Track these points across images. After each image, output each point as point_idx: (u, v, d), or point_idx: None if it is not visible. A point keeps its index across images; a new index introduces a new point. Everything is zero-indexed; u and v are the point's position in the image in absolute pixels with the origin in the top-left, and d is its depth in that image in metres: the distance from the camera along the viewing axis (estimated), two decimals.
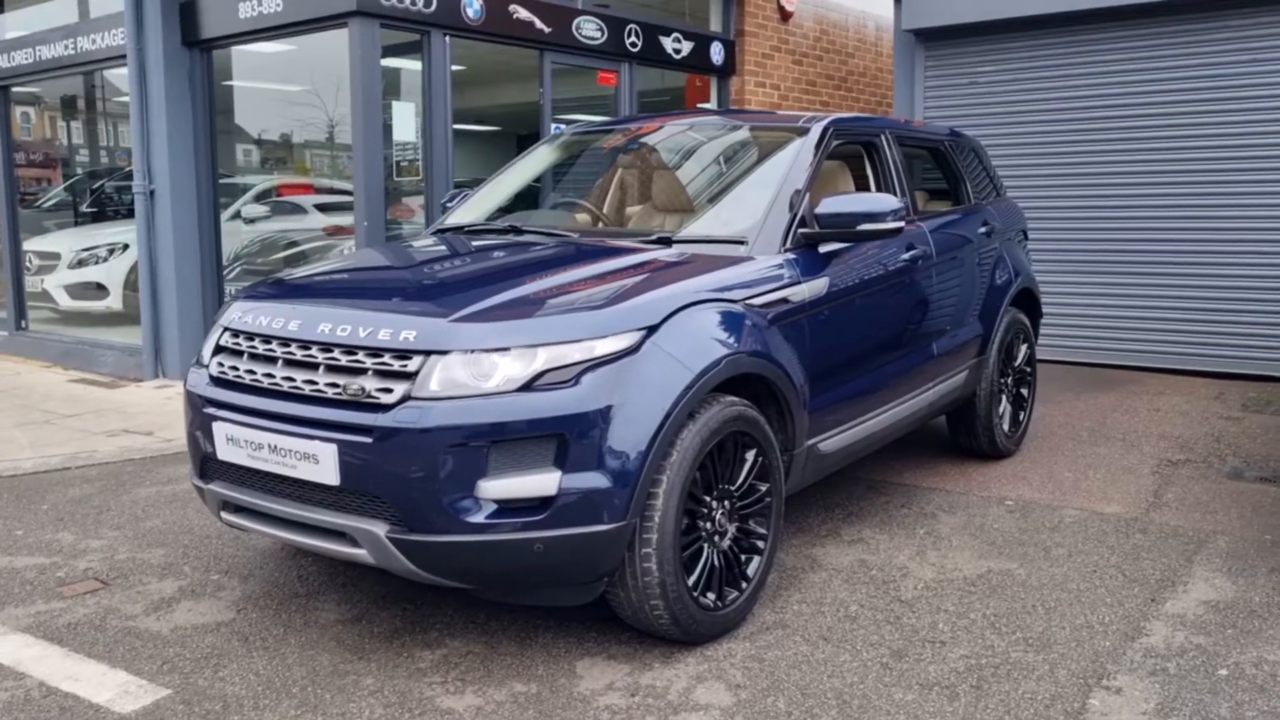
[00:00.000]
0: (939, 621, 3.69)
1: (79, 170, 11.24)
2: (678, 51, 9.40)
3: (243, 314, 3.60)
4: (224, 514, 3.57)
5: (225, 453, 3.45)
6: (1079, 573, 4.14)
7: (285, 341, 3.39)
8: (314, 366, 3.30)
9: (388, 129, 7.30)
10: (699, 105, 10.06)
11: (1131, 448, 6.07)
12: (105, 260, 10.07)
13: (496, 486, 3.09)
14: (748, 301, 3.68)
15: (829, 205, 4.05)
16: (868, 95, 11.74)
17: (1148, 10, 8.14)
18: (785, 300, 3.84)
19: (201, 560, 4.36)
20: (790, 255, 3.98)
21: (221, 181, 8.49)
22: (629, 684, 3.26)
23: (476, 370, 3.13)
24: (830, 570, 4.18)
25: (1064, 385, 7.86)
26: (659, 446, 3.21)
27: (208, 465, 3.59)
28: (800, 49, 10.66)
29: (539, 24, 8.05)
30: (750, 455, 3.63)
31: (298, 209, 9.16)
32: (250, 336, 3.51)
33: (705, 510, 3.47)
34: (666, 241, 3.99)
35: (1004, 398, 5.77)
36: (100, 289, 9.99)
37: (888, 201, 4.11)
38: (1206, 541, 4.50)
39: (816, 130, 4.46)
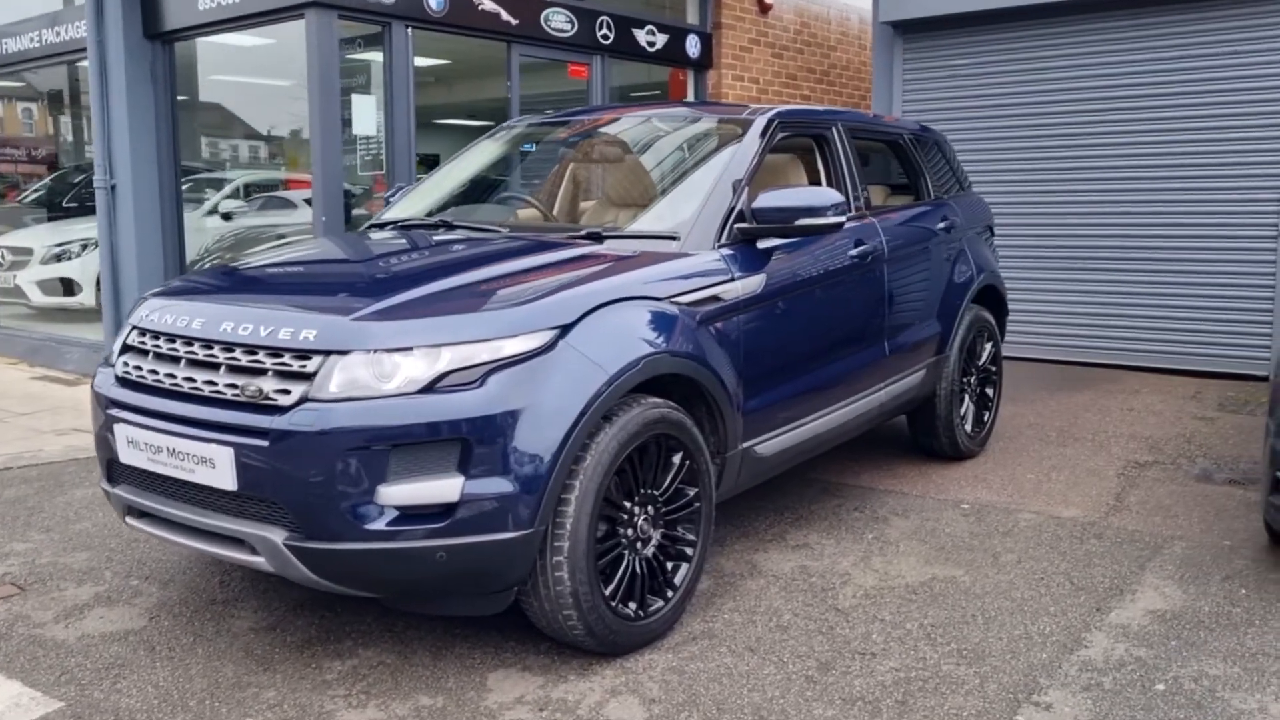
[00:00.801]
0: (873, 632, 3.56)
1: (65, 165, 11.13)
2: (651, 44, 9.25)
3: (150, 312, 3.48)
4: (129, 519, 3.45)
5: (127, 455, 3.33)
6: (1025, 580, 4.00)
7: (189, 340, 3.27)
8: (215, 366, 3.17)
9: (348, 123, 7.17)
10: (683, 99, 9.93)
11: (1100, 449, 5.93)
12: (78, 256, 9.96)
13: (397, 492, 2.96)
14: (674, 299, 3.55)
15: (766, 200, 3.92)
16: (850, 89, 11.59)
17: (1123, 1, 7.98)
18: (716, 298, 3.70)
19: (124, 565, 4.23)
20: (726, 251, 3.84)
21: (201, 176, 8.37)
22: (539, 698, 3.13)
23: (378, 371, 3.00)
24: (769, 577, 4.05)
25: (1038, 384, 7.72)
26: (569, 451, 3.08)
27: (113, 468, 3.47)
28: (780, 42, 10.51)
29: (505, 15, 7.90)
30: (676, 459, 3.50)
31: (286, 204, 9.05)
32: (156, 335, 3.39)
33: (625, 516, 3.34)
34: (597, 237, 3.86)
35: (966, 398, 5.63)
36: (73, 285, 9.88)
37: (828, 196, 3.97)
38: (1163, 547, 4.36)
39: (760, 123, 4.32)
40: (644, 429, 3.32)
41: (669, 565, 3.55)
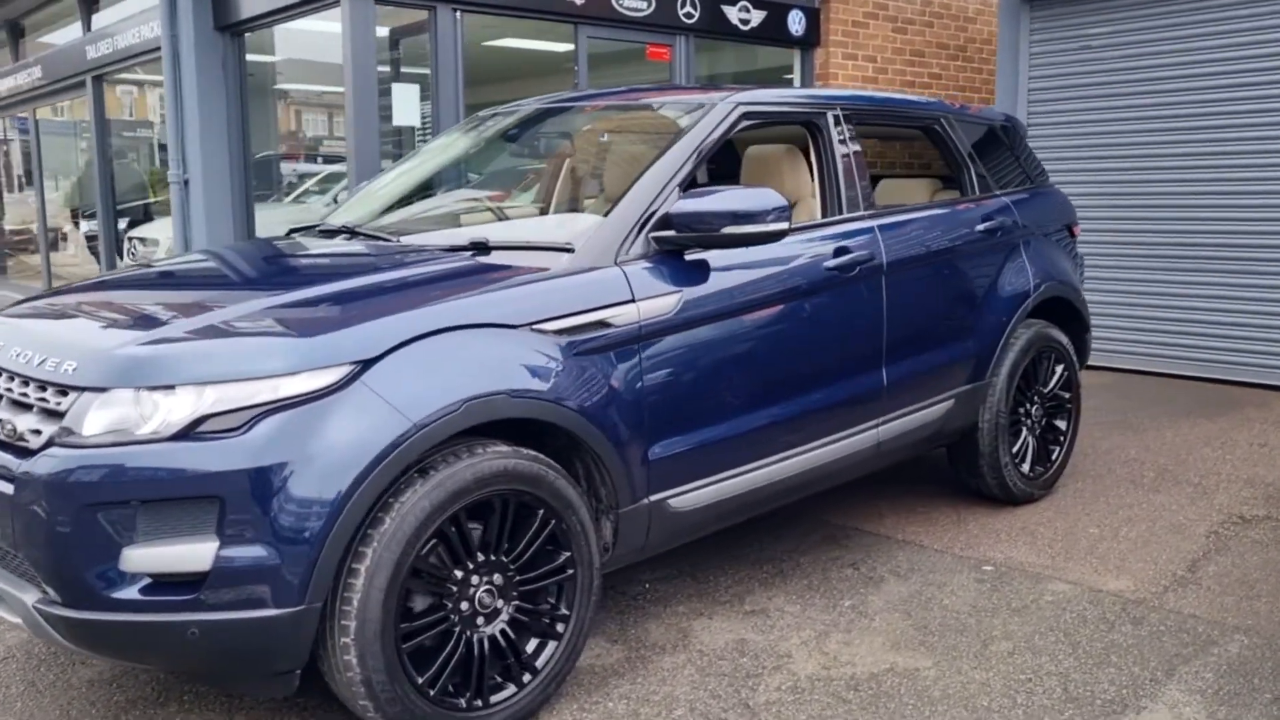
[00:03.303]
0: None
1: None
2: (745, 22, 8.51)
3: None
4: None
5: None
6: (1005, 682, 3.18)
7: None
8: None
9: (390, 114, 6.84)
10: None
11: (1201, 496, 4.88)
12: None
13: (144, 557, 2.52)
14: (536, 326, 2.95)
15: (685, 204, 3.25)
16: (992, 65, 10.42)
17: None
18: (603, 324, 3.07)
19: None
20: (634, 266, 3.20)
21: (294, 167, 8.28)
22: None
23: (137, 412, 2.56)
24: (695, 652, 3.39)
25: (1165, 407, 6.58)
26: (351, 513, 2.55)
27: None
28: (904, 14, 9.52)
29: None
30: (538, 517, 2.91)
31: None
32: None
33: (453, 589, 2.79)
34: (483, 247, 3.29)
35: (1024, 431, 4.73)
36: None
37: (765, 198, 3.27)
38: (1215, 643, 3.42)
39: (715, 113, 3.63)
40: (477, 484, 2.75)
41: (533, 644, 2.98)
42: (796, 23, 8.82)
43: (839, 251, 3.76)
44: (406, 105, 6.85)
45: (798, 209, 4.19)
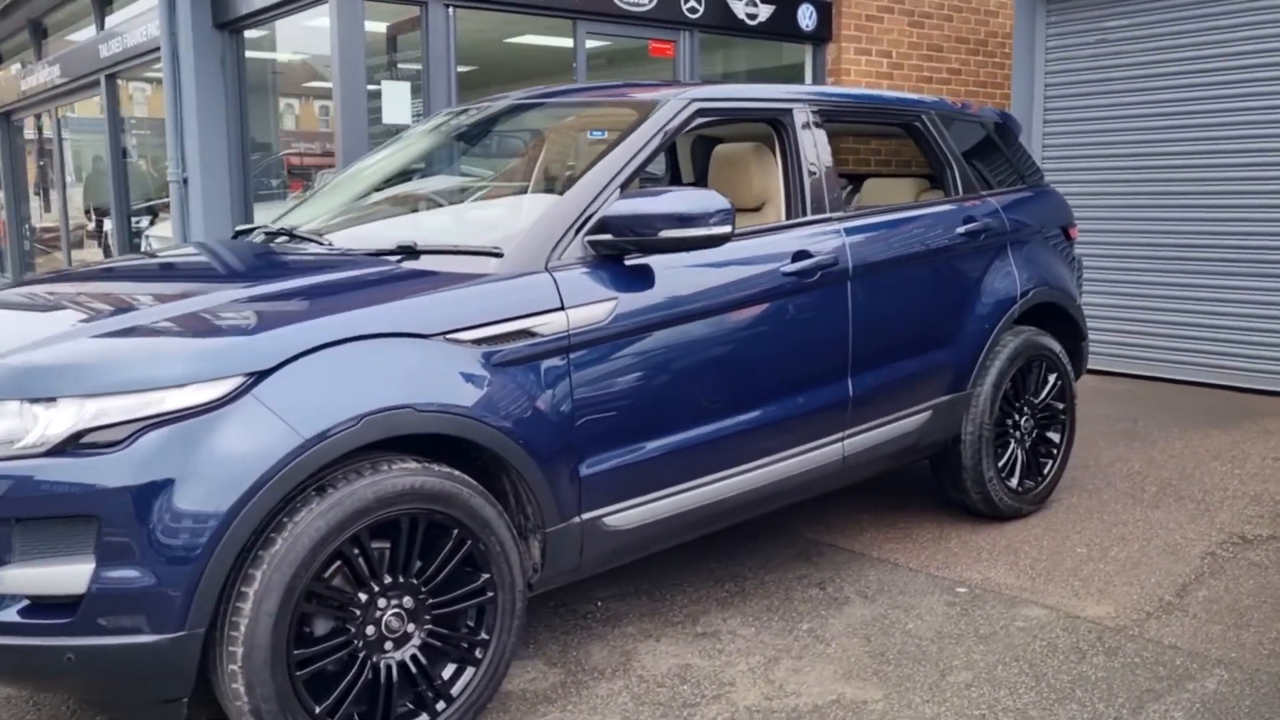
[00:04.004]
0: None
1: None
2: (753, 16, 8.31)
3: None
4: None
5: None
6: (957, 717, 2.98)
7: None
8: None
9: (378, 112, 6.73)
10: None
11: (1201, 514, 4.63)
12: None
13: (20, 577, 2.41)
14: (452, 335, 2.79)
15: (621, 206, 3.09)
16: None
17: None
18: (528, 333, 2.91)
19: None
20: (568, 272, 3.04)
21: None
22: None
23: (20, 424, 2.44)
24: (635, 678, 3.22)
25: (1177, 416, 6.30)
26: (237, 534, 2.42)
27: None
28: (921, 8, 9.25)
29: None
30: (453, 537, 2.76)
31: None
32: None
33: (357, 613, 2.64)
34: (411, 251, 3.14)
35: (1012, 444, 4.50)
36: None
37: (706, 200, 3.09)
38: (1193, 677, 3.19)
39: (665, 110, 3.45)
40: (379, 503, 2.60)
41: (449, 670, 2.83)
42: (807, 17, 8.60)
43: (798, 255, 3.57)
44: (397, 103, 6.73)
45: (765, 210, 4.01)
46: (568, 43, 8.21)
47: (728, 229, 3.10)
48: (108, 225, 11.97)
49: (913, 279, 3.99)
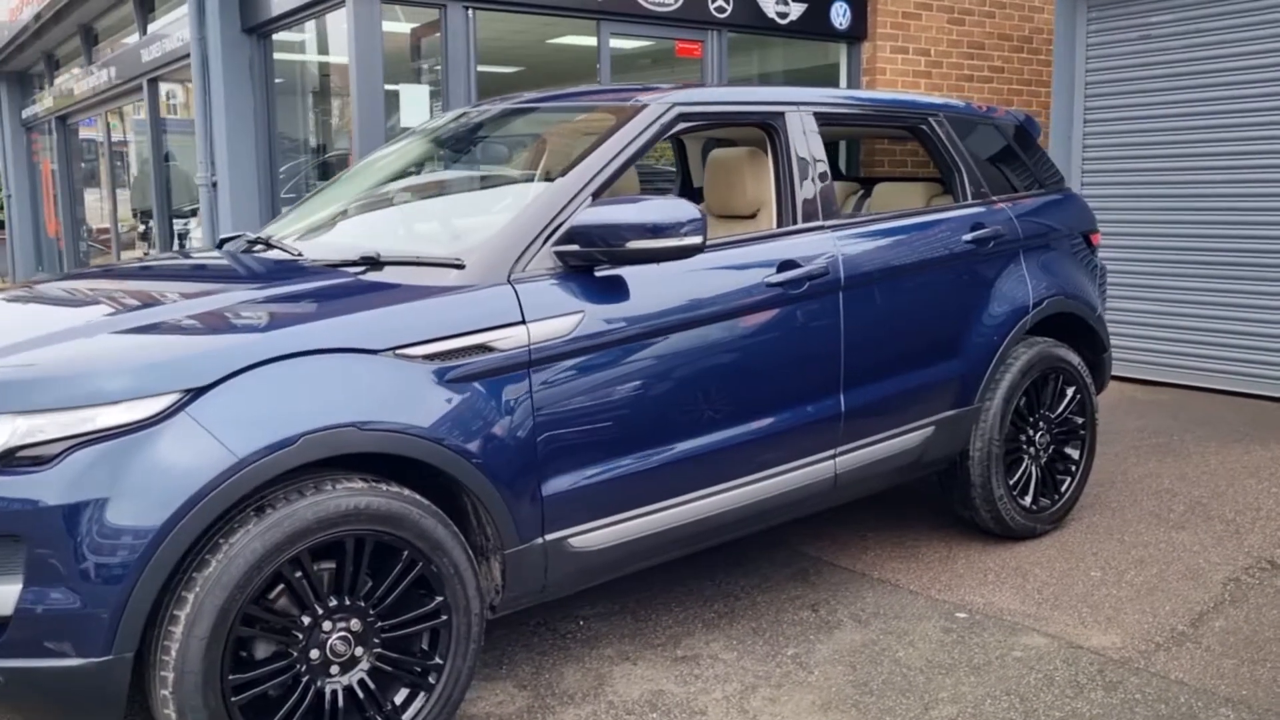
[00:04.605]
0: None
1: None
2: (783, 15, 8.12)
3: None
4: None
5: None
6: None
7: None
8: None
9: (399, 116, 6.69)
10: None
11: (1231, 536, 4.39)
12: None
13: None
14: (403, 350, 2.70)
15: (587, 215, 2.97)
16: None
17: None
18: (484, 348, 2.81)
19: None
20: (532, 284, 2.93)
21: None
22: None
23: None
24: (605, 704, 3.11)
25: (1218, 429, 6.02)
26: (166, 556, 2.35)
27: None
28: (961, 4, 8.98)
29: None
30: (403, 559, 2.67)
31: None
32: None
33: (299, 636, 2.56)
34: (374, 262, 3.06)
35: (1026, 460, 4.30)
36: None
37: (676, 209, 2.97)
38: (1195, 717, 2.99)
39: (644, 114, 3.33)
40: (321, 525, 2.52)
41: (401, 694, 2.74)
42: (841, 15, 8.39)
43: (785, 266, 3.43)
44: (416, 106, 6.69)
45: (760, 218, 3.88)
46: (612, 43, 8.11)
47: (699, 239, 2.97)
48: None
49: (913, 289, 3.82)
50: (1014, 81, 9.45)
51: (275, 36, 7.92)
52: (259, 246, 3.58)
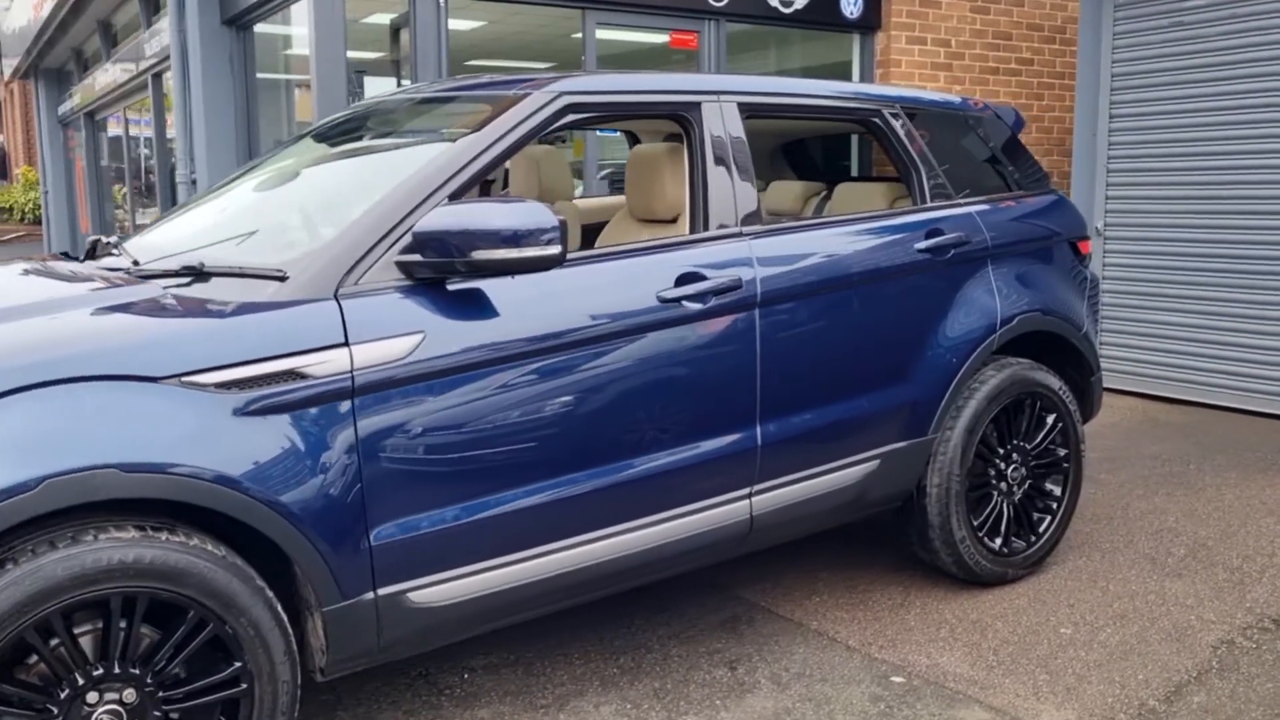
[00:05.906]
0: None
1: None
2: (787, 4, 7.63)
3: None
4: None
5: None
6: None
7: None
8: None
9: None
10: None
11: (1233, 587, 3.86)
12: None
13: None
14: (189, 378, 2.32)
15: (432, 220, 2.57)
16: None
17: None
18: (294, 374, 2.42)
19: None
20: (360, 299, 2.54)
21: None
22: None
23: None
24: None
25: (1241, 457, 5.44)
26: None
27: None
28: None
29: None
30: (188, 620, 2.30)
31: None
32: None
33: (54, 711, 2.20)
34: (198, 273, 2.69)
35: (995, 497, 3.82)
36: None
37: (531, 215, 2.56)
38: None
39: (523, 105, 2.92)
40: (76, 582, 2.16)
41: None
42: (851, 4, 7.88)
43: (685, 279, 2.99)
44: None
45: (680, 223, 3.44)
46: (643, 38, 7.70)
47: (558, 250, 2.56)
48: None
49: (849, 305, 3.35)
50: (1045, 75, 8.87)
51: (256, 29, 7.63)
52: (113, 253, 3.23)
